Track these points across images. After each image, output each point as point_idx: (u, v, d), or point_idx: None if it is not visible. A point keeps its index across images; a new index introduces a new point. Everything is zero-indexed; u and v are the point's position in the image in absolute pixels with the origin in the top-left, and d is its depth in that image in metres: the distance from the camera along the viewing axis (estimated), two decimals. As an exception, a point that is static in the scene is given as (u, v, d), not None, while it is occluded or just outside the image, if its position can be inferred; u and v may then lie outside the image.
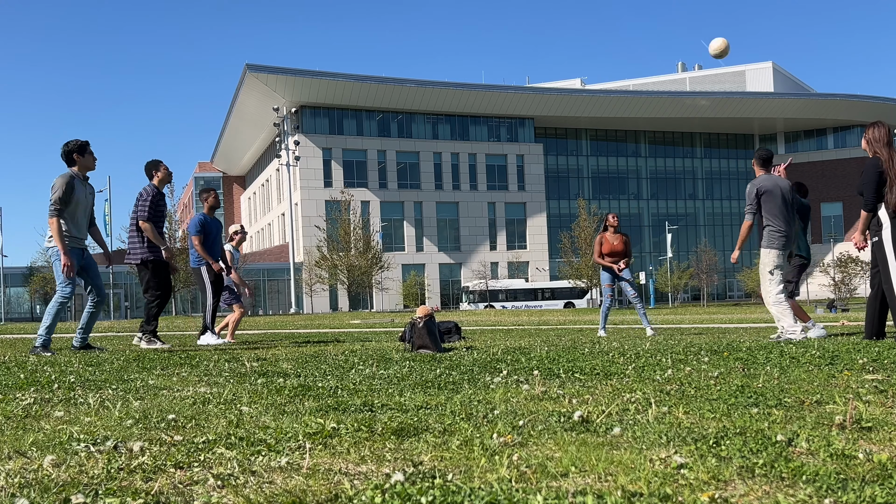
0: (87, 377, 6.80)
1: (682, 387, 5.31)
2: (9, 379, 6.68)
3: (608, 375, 6.28)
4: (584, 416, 3.93)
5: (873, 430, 3.54)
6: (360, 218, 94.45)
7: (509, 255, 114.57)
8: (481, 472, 2.81)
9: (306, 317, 62.44)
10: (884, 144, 10.35)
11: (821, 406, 4.36)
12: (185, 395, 5.35)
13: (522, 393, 5.15)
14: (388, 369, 7.18)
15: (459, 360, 8.02)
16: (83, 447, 3.36)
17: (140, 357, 9.49)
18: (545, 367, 7.03)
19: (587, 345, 10.97)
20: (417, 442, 3.44)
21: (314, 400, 4.95)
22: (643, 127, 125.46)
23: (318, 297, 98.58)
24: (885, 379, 5.46)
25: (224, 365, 8.01)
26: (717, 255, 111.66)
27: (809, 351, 8.17)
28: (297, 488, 2.62)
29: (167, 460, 3.10)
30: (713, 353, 8.29)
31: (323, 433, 3.63)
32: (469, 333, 16.88)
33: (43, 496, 2.53)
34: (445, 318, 47.01)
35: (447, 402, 4.69)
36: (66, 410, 4.63)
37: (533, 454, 3.13)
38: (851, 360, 6.95)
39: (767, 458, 2.94)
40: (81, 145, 11.29)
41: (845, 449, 3.07)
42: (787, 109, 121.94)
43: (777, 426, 3.66)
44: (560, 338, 14.31)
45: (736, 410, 4.19)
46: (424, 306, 10.63)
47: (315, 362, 8.26)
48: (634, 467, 2.84)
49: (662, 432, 3.52)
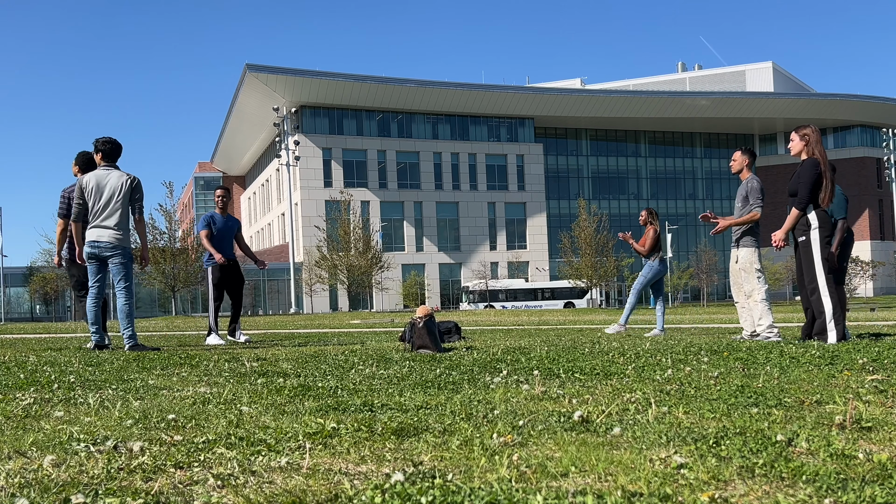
0: (86, 377, 6.80)
1: (682, 387, 5.31)
2: (9, 379, 6.68)
3: (608, 375, 6.29)
4: (584, 416, 3.93)
5: (873, 430, 3.54)
6: (360, 218, 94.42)
7: (509, 255, 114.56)
8: (481, 472, 2.81)
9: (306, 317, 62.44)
10: (820, 145, 10.43)
11: (821, 406, 4.36)
12: (185, 395, 5.35)
13: (522, 393, 5.15)
14: (388, 369, 7.18)
15: (459, 360, 8.02)
16: (83, 447, 3.36)
17: (140, 357, 9.48)
18: (545, 367, 7.03)
19: (587, 345, 10.97)
20: (417, 442, 3.44)
21: (314, 400, 4.95)
22: (643, 127, 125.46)
23: (317, 297, 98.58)
24: (885, 379, 5.47)
25: (224, 365, 8.01)
26: (717, 255, 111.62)
27: (809, 351, 8.17)
28: (297, 488, 2.62)
29: (167, 460, 3.09)
30: (713, 353, 8.29)
31: (323, 433, 3.63)
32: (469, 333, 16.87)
33: (43, 496, 2.53)
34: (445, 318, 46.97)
35: (447, 402, 4.69)
36: (66, 410, 4.63)
37: (533, 454, 3.13)
38: (851, 360, 6.95)
39: (767, 458, 2.94)
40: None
41: (845, 449, 3.07)
42: (787, 109, 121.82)
43: (777, 426, 3.66)
44: (560, 338, 14.30)
45: (736, 410, 4.19)
46: (424, 306, 10.63)
47: (315, 362, 8.25)
48: (634, 467, 2.84)
49: (662, 432, 3.52)
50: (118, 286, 11.38)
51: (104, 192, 11.27)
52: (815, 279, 10.20)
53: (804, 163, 10.38)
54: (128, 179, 11.33)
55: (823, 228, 10.20)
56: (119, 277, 11.35)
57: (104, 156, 11.47)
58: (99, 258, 11.38)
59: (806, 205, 10.25)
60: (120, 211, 11.33)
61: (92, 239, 11.29)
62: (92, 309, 11.56)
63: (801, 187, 10.25)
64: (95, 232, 11.29)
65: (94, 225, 11.30)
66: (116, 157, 11.56)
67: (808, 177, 10.20)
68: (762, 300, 11.53)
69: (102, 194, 11.28)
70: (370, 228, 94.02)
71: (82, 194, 11.31)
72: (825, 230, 10.20)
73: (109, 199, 11.27)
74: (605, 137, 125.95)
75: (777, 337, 11.29)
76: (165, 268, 77.34)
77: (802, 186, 10.25)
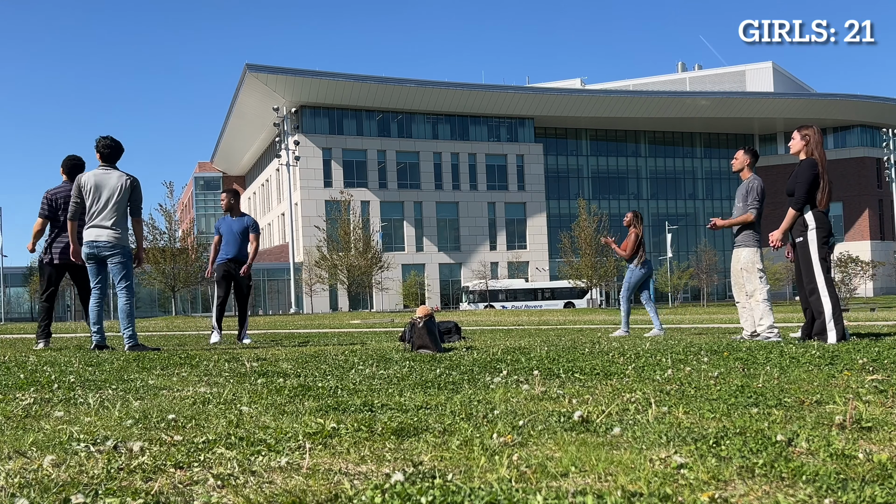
0: (86, 377, 6.80)
1: (682, 387, 5.31)
2: (9, 379, 6.68)
3: (608, 375, 6.29)
4: (583, 416, 3.93)
5: (873, 430, 3.54)
6: (359, 218, 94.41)
7: (509, 255, 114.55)
8: (481, 472, 2.81)
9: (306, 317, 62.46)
10: (821, 147, 10.46)
11: (821, 406, 4.36)
12: (185, 395, 5.35)
13: (522, 393, 5.15)
14: (388, 369, 7.18)
15: (459, 360, 8.02)
16: (83, 447, 3.36)
17: (140, 357, 9.48)
18: (545, 367, 7.03)
19: (587, 345, 10.97)
20: (417, 442, 3.44)
21: (314, 400, 4.95)
22: (643, 127, 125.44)
23: (317, 297, 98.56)
24: (885, 379, 5.47)
25: (224, 365, 8.01)
26: (717, 255, 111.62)
27: (809, 351, 8.18)
28: (296, 488, 2.62)
29: (167, 460, 3.10)
30: (713, 353, 8.29)
31: (323, 433, 3.63)
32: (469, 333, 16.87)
33: (43, 496, 2.53)
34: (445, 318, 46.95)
35: (447, 402, 4.69)
36: (66, 410, 4.63)
37: (533, 454, 3.13)
38: (851, 360, 6.95)
39: (767, 458, 2.94)
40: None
41: (845, 449, 3.07)
42: (787, 109, 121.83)
43: (777, 426, 3.66)
44: (560, 338, 14.31)
45: (736, 410, 4.19)
46: (424, 306, 10.63)
47: (315, 362, 8.26)
48: (634, 467, 2.84)
49: (662, 432, 3.52)
50: (118, 286, 11.41)
51: (103, 192, 11.28)
52: (814, 280, 10.20)
53: (802, 163, 10.40)
54: (127, 180, 11.35)
55: (821, 229, 10.21)
56: (119, 277, 11.37)
57: (104, 157, 11.48)
58: (98, 258, 11.41)
59: (802, 205, 10.26)
60: (119, 211, 11.35)
61: (90, 239, 11.31)
62: (94, 309, 11.62)
63: (798, 187, 10.26)
64: (94, 232, 11.30)
65: (93, 224, 11.32)
66: (117, 159, 11.58)
67: (806, 177, 10.21)
68: (764, 300, 11.53)
69: (101, 194, 11.28)
70: (370, 228, 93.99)
71: (80, 193, 11.32)
72: (822, 231, 10.22)
73: (108, 199, 11.28)
74: (605, 137, 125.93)
75: (777, 337, 11.29)
76: (165, 268, 77.41)
77: (800, 186, 10.26)
